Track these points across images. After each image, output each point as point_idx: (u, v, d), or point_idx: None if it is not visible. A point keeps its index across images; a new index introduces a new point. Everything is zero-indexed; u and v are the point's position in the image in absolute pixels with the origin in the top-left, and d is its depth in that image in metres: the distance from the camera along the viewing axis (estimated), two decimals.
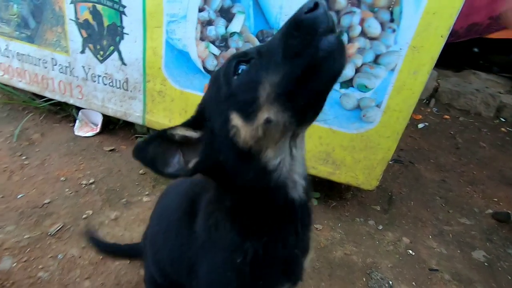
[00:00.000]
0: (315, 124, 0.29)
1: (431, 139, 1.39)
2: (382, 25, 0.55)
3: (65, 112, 0.91)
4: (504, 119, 1.60)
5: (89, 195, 0.71)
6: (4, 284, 0.55)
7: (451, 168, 1.18)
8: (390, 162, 1.07)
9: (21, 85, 0.82)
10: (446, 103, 1.69)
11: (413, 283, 0.67)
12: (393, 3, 0.54)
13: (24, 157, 0.80)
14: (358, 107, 0.61)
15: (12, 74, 0.81)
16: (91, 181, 0.75)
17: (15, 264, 0.57)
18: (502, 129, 1.45)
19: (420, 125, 1.48)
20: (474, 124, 1.49)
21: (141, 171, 0.79)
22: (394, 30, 0.54)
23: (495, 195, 1.01)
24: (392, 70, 0.57)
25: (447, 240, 0.78)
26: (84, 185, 0.74)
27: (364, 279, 0.68)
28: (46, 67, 0.77)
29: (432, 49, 0.54)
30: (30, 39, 0.75)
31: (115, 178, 0.76)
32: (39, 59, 0.76)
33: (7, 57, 0.79)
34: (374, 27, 0.55)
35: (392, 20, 0.54)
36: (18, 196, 0.69)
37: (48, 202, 0.69)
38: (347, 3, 0.55)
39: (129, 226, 0.67)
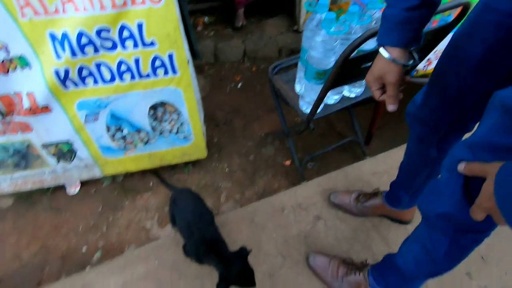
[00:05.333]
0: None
1: (244, 94, 2.47)
2: None
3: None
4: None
5: None
6: None
7: (252, 114, 2.30)
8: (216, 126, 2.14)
9: (27, 188, 1.57)
10: (253, 57, 2.72)
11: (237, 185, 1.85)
12: None
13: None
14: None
15: (20, 186, 1.55)
16: None
17: None
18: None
19: (239, 84, 2.53)
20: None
21: None
22: None
23: (267, 121, 2.19)
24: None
25: (249, 158, 1.95)
26: None
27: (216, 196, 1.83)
28: (39, 176, 1.53)
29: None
30: (25, 169, 1.48)
31: None
32: (34, 174, 1.52)
33: (14, 180, 1.52)
34: None
35: None
36: None
37: None
38: None
39: None
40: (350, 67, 0.92)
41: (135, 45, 1.14)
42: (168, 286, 1.12)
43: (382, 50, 0.59)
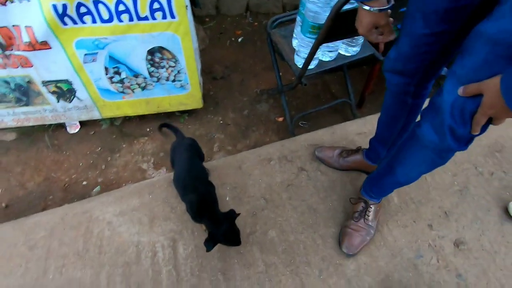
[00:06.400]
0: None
1: (244, 50, 2.44)
2: None
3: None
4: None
5: None
6: None
7: (250, 70, 2.31)
8: (215, 80, 2.16)
9: (29, 124, 1.65)
10: (255, 12, 2.65)
11: (230, 137, 1.93)
12: None
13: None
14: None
15: (22, 121, 1.62)
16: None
17: None
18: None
19: (240, 39, 2.50)
20: None
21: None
22: None
23: (264, 79, 2.21)
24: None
25: (243, 113, 2.01)
26: None
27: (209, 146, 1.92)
28: (41, 113, 1.60)
29: None
30: (26, 105, 1.54)
31: None
32: (36, 111, 1.58)
33: (17, 115, 1.58)
34: None
35: None
36: None
37: None
38: None
39: None
40: (343, 21, 0.94)
41: None
42: (160, 217, 1.25)
43: (364, 6, 0.66)
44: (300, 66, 1.32)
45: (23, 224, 1.22)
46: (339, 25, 0.98)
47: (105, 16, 1.25)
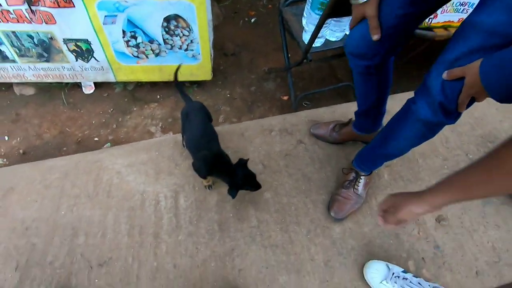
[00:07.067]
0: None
1: (256, 30, 2.50)
2: None
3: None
4: None
5: None
6: None
7: (260, 49, 2.38)
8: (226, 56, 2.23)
9: (47, 80, 1.75)
10: None
11: (236, 110, 2.01)
12: None
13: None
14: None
15: (41, 77, 1.72)
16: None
17: None
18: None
19: (253, 20, 2.56)
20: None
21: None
22: None
23: (273, 59, 2.27)
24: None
25: (250, 89, 2.09)
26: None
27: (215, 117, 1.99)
28: (59, 70, 1.70)
29: None
30: (47, 61, 1.64)
31: None
32: (55, 68, 1.68)
33: (37, 70, 1.68)
34: None
35: None
36: None
37: None
38: None
39: None
40: None
41: None
42: (165, 172, 1.35)
43: (351, 1, 0.74)
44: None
45: (40, 166, 1.33)
46: (345, 1, 1.04)
47: None
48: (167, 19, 1.50)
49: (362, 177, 1.25)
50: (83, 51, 1.59)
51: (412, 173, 1.41)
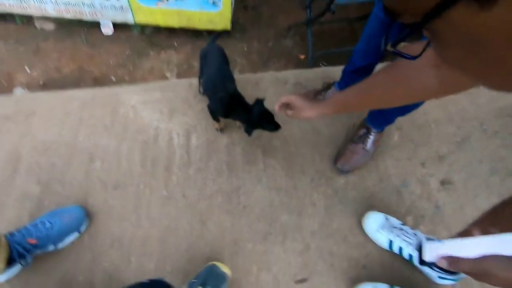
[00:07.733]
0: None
1: None
2: None
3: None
4: None
5: None
6: None
7: (282, 5, 2.28)
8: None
9: (67, 16, 1.75)
10: None
11: (251, 64, 2.00)
12: None
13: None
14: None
15: (62, 12, 1.72)
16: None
17: None
18: None
19: None
20: None
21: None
22: None
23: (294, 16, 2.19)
24: None
25: (268, 45, 2.05)
26: None
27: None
28: (79, 6, 1.69)
29: None
30: None
31: None
32: (75, 3, 1.67)
33: (58, 4, 1.68)
34: None
35: None
36: None
37: None
38: None
39: None
40: None
41: None
42: (179, 111, 1.38)
43: None
44: None
45: (60, 94, 1.38)
46: None
47: None
48: None
49: (372, 133, 1.26)
50: None
51: (423, 137, 1.41)
